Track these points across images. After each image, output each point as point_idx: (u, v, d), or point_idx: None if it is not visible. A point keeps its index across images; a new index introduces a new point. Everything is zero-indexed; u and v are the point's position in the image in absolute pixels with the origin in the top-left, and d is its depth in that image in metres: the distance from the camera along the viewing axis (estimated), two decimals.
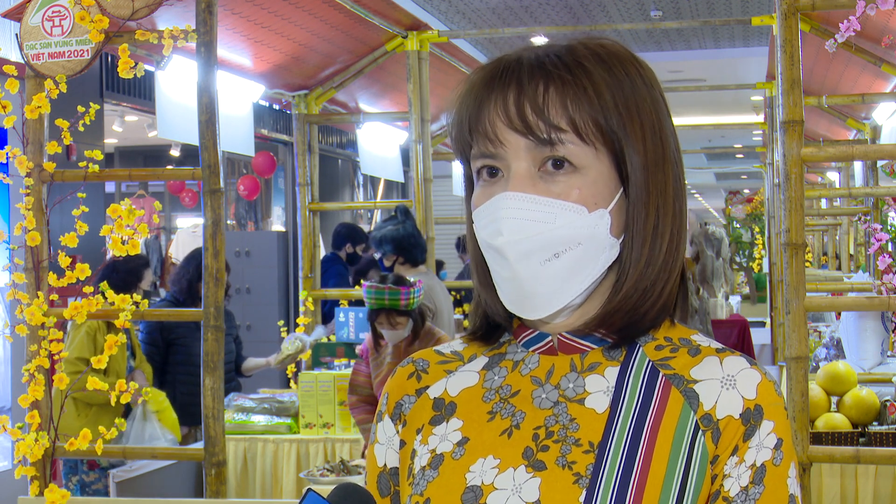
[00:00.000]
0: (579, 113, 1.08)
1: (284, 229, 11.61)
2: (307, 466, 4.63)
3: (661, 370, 1.12)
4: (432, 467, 1.13)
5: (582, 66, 1.09)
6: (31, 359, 3.28)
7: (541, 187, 1.08)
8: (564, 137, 1.07)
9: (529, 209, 1.08)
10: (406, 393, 1.21)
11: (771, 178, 7.39)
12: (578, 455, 1.08)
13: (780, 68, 3.08)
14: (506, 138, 1.09)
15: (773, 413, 1.08)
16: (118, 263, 5.01)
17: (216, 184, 3.24)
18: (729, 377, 1.10)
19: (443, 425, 1.16)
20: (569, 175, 1.08)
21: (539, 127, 1.07)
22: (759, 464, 1.07)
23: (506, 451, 1.11)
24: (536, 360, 1.16)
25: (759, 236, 13.13)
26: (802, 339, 3.06)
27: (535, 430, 1.11)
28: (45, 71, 3.26)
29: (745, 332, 8.26)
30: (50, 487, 3.17)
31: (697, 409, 1.08)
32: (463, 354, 1.22)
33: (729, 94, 13.48)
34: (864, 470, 3.88)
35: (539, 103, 1.08)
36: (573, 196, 1.08)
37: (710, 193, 29.89)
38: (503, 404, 1.14)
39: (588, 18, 11.03)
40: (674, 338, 1.15)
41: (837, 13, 3.88)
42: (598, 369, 1.13)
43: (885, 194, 6.36)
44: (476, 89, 1.12)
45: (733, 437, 1.07)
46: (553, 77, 1.09)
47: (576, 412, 1.11)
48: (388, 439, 1.21)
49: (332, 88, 5.80)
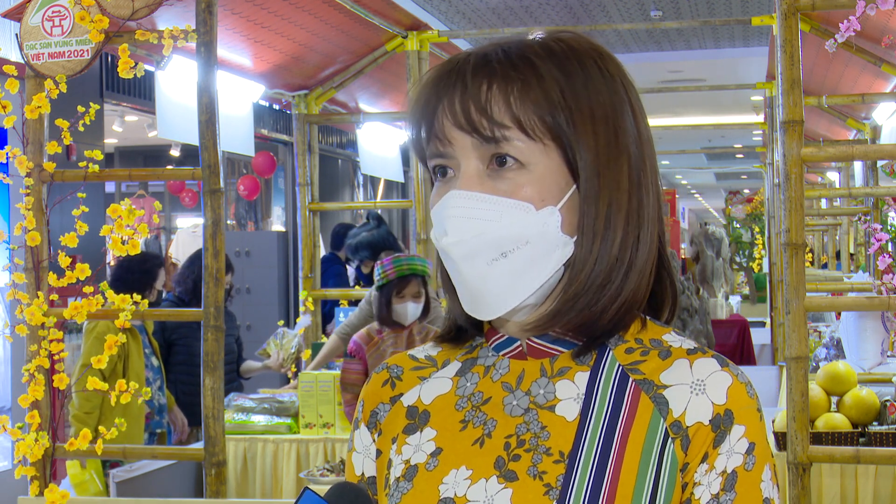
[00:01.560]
0: (524, 109, 1.06)
1: (284, 229, 11.61)
2: (307, 466, 4.63)
3: (631, 375, 1.10)
4: (406, 479, 1.12)
5: (529, 60, 1.08)
6: (31, 359, 3.28)
7: (488, 185, 1.08)
8: (509, 134, 1.06)
9: (474, 207, 1.07)
10: (381, 401, 1.20)
11: (771, 178, 7.39)
12: (549, 465, 1.07)
13: (780, 68, 3.08)
14: (454, 137, 1.08)
15: (745, 417, 1.06)
16: (133, 263, 5.01)
17: (216, 184, 3.24)
18: (698, 382, 1.07)
19: (417, 434, 1.15)
20: (516, 172, 1.07)
21: (483, 125, 1.07)
22: (731, 470, 1.05)
23: (478, 461, 1.09)
24: (507, 365, 1.14)
25: (759, 236, 13.12)
26: (802, 339, 3.05)
27: (506, 438, 1.10)
28: (45, 71, 3.26)
29: (745, 332, 8.26)
30: (50, 487, 3.17)
31: (667, 415, 1.07)
32: (437, 360, 1.20)
33: (729, 94, 13.48)
34: (864, 470, 3.88)
35: (482, 101, 1.07)
36: (520, 194, 1.07)
37: (710, 193, 29.89)
38: (475, 412, 1.13)
39: (588, 18, 11.03)
40: (644, 339, 1.12)
41: (837, 13, 3.88)
42: (568, 374, 1.11)
43: (885, 194, 6.35)
44: (427, 89, 1.12)
45: (703, 444, 1.05)
46: (497, 74, 1.08)
47: (546, 420, 1.09)
48: (364, 448, 1.20)
49: (332, 88, 5.79)
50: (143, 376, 4.79)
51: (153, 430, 4.93)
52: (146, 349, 4.93)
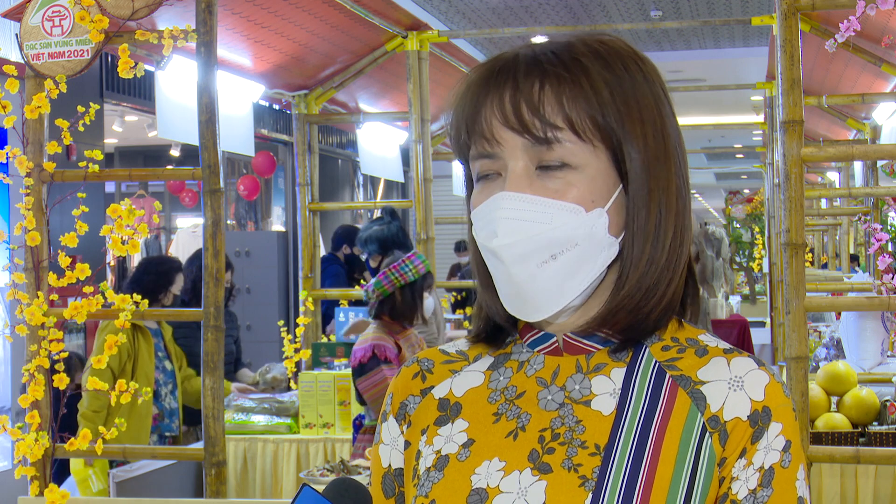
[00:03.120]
0: (576, 110, 1.06)
1: (284, 229, 11.61)
2: (307, 466, 4.63)
3: (668, 371, 1.10)
4: (437, 469, 1.12)
5: (579, 62, 1.08)
6: (31, 359, 3.28)
7: (537, 186, 1.07)
8: (561, 135, 1.06)
9: (525, 209, 1.07)
10: (411, 393, 1.20)
11: (771, 178, 7.39)
12: (584, 458, 1.07)
13: (780, 68, 3.08)
14: (502, 137, 1.08)
15: (782, 415, 1.07)
16: (151, 265, 5.04)
17: (216, 184, 3.24)
18: (736, 378, 1.08)
19: (448, 426, 1.15)
20: (566, 173, 1.07)
21: (535, 125, 1.06)
22: (768, 466, 1.05)
23: (511, 454, 1.09)
24: (542, 361, 1.14)
25: (759, 236, 13.11)
26: (802, 339, 3.05)
27: (540, 432, 1.10)
28: (45, 71, 3.26)
29: (745, 332, 8.25)
30: (50, 487, 3.17)
31: (705, 410, 1.07)
32: (468, 354, 1.20)
33: (729, 94, 13.48)
34: (864, 470, 3.88)
35: (535, 101, 1.06)
36: (570, 195, 1.07)
37: (710, 193, 29.87)
38: (508, 405, 1.13)
39: (588, 18, 11.03)
40: (681, 338, 1.13)
41: (837, 13, 3.87)
42: (604, 370, 1.11)
43: (885, 194, 6.35)
44: (473, 88, 1.11)
45: (741, 439, 1.06)
46: (549, 74, 1.07)
47: (582, 414, 1.09)
48: (392, 440, 1.20)
49: (332, 88, 5.79)
50: (152, 378, 4.79)
51: (163, 433, 4.93)
52: (160, 352, 4.93)
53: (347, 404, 4.74)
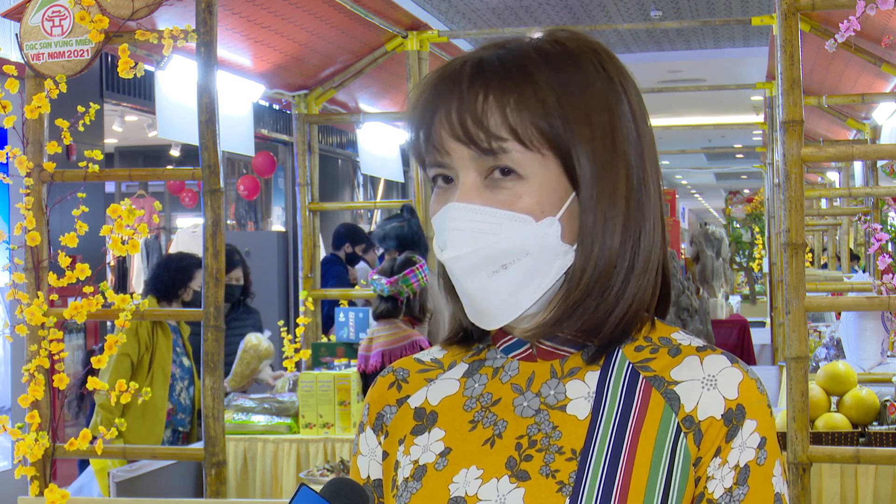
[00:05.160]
0: (520, 120, 1.05)
1: (284, 229, 11.62)
2: (307, 466, 4.63)
3: (642, 372, 1.10)
4: (415, 479, 1.12)
5: (524, 68, 1.07)
6: (31, 359, 3.28)
7: (487, 197, 1.07)
8: (507, 146, 1.05)
9: (474, 220, 1.06)
10: (387, 403, 1.20)
11: (771, 178, 7.39)
12: (562, 463, 1.06)
13: (780, 68, 3.08)
14: (452, 148, 1.08)
15: (756, 412, 1.07)
16: (170, 261, 5.03)
17: (216, 184, 3.24)
18: (710, 377, 1.08)
19: (425, 435, 1.15)
20: (515, 183, 1.06)
21: (480, 137, 1.06)
22: (743, 464, 1.06)
23: (489, 461, 1.09)
24: (516, 367, 1.14)
25: (759, 236, 13.11)
26: (802, 339, 3.05)
27: (517, 439, 1.10)
28: (45, 71, 3.26)
29: (745, 332, 8.26)
30: (50, 487, 3.17)
31: (679, 410, 1.07)
32: (443, 362, 1.20)
33: (729, 94, 13.47)
34: (864, 470, 3.88)
35: (478, 113, 1.06)
36: (519, 205, 1.06)
37: (710, 193, 29.89)
38: (485, 413, 1.13)
39: (588, 18, 11.03)
40: (654, 338, 1.13)
41: (837, 13, 3.87)
42: (579, 374, 1.11)
43: (885, 194, 6.35)
44: (425, 96, 1.11)
45: (715, 439, 1.06)
46: (492, 84, 1.06)
47: (558, 419, 1.09)
48: (370, 451, 1.20)
49: (332, 88, 5.79)
50: (169, 372, 4.80)
51: (176, 427, 4.94)
52: (178, 348, 4.94)
53: (347, 404, 4.73)
